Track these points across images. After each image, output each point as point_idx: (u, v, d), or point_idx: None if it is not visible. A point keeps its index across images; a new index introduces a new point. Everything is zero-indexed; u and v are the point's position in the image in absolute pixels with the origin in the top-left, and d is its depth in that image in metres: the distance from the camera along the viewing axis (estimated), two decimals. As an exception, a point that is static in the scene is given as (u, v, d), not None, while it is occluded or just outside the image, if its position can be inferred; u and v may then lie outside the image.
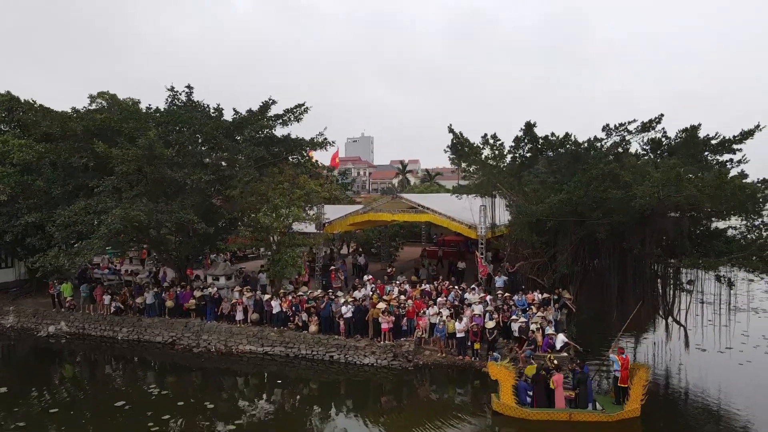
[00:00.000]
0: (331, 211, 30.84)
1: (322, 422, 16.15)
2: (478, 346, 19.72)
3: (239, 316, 22.67)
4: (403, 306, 21.43)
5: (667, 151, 22.50)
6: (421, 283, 26.12)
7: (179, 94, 25.84)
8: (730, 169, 20.25)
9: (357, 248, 39.40)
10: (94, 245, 20.67)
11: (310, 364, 20.67)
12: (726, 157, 21.92)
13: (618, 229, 20.71)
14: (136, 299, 24.66)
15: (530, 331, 19.06)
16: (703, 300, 22.90)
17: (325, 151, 28.90)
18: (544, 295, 21.71)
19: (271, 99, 25.17)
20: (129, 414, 16.04)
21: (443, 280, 25.64)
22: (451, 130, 25.49)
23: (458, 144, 24.95)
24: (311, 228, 28.44)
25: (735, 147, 21.63)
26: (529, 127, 23.59)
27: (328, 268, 28.73)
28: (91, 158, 23.12)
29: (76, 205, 21.76)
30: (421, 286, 24.70)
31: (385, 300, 21.99)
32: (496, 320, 20.19)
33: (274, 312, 22.34)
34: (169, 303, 23.94)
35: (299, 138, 25.64)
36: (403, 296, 22.66)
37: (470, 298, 22.12)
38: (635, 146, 23.83)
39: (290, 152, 25.93)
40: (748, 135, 21.17)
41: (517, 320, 19.81)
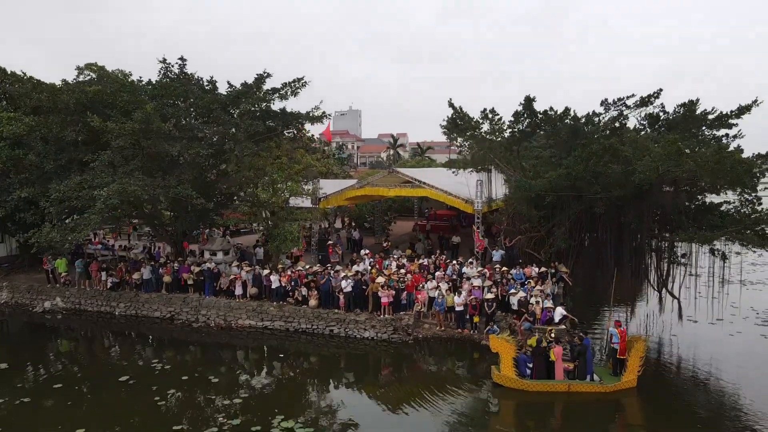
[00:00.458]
0: (326, 186, 30.69)
1: (323, 394, 16.37)
2: (477, 319, 19.98)
3: (238, 291, 22.70)
4: (402, 280, 21.59)
5: (664, 126, 22.62)
6: (418, 257, 26.27)
7: (172, 66, 25.28)
8: (728, 144, 20.46)
9: (350, 222, 39.41)
10: (91, 220, 20.42)
11: (310, 338, 20.86)
12: (722, 132, 22.13)
13: (615, 204, 20.93)
14: (133, 275, 24.56)
15: (529, 304, 19.34)
16: (692, 273, 23.31)
17: (321, 125, 28.40)
18: (542, 269, 21.97)
19: (266, 72, 24.73)
20: (134, 388, 16.11)
21: (440, 254, 25.81)
22: (451, 105, 25.39)
23: (458, 119, 24.84)
24: (307, 203, 28.35)
25: (731, 122, 21.82)
26: (528, 102, 23.52)
27: (323, 243, 28.76)
28: (84, 132, 22.67)
29: (71, 180, 21.40)
30: (419, 260, 24.85)
31: (384, 274, 22.13)
32: (495, 294, 20.44)
33: (273, 287, 22.39)
34: (166, 278, 23.86)
35: (296, 111, 25.30)
36: (402, 270, 22.80)
37: (468, 272, 22.33)
38: (633, 121, 23.97)
39: (286, 126, 25.61)
40: (746, 110, 21.33)
41: (516, 293, 20.07)
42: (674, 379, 17.66)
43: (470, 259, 24.21)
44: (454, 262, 23.84)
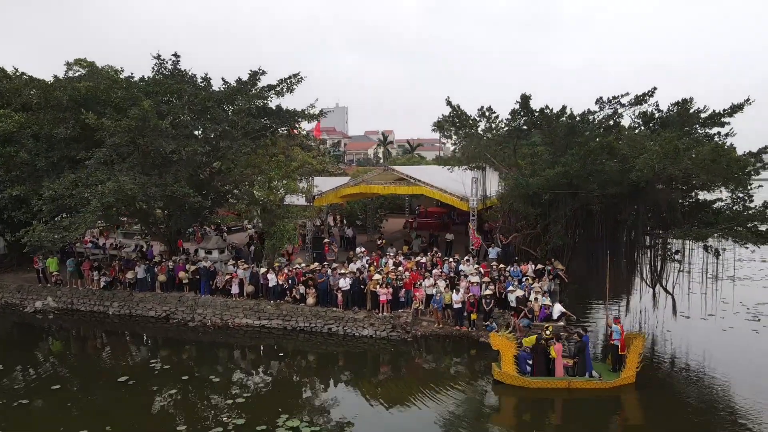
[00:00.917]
0: (319, 183, 30.61)
1: (324, 393, 16.33)
2: (474, 316, 20.07)
3: (234, 290, 22.54)
4: (400, 278, 21.60)
5: (658, 124, 22.88)
6: (415, 255, 26.30)
7: (165, 62, 24.96)
8: (723, 143, 20.76)
9: (342, 220, 39.34)
10: (86, 219, 20.11)
11: (308, 337, 20.78)
12: (715, 130, 22.44)
13: (611, 201, 21.14)
14: (126, 274, 24.25)
15: (528, 301, 19.47)
16: (683, 269, 23.64)
17: (313, 123, 28.25)
18: (538, 266, 22.13)
19: (260, 69, 24.54)
20: (134, 389, 15.94)
21: (437, 252, 25.87)
22: (449, 103, 25.44)
23: (455, 117, 24.88)
24: (302, 200, 28.23)
25: (724, 120, 22.14)
26: (525, 100, 23.63)
27: (318, 241, 28.66)
28: (76, 129, 22.29)
29: (65, 178, 21.03)
30: (416, 258, 24.89)
31: (382, 272, 22.12)
32: (493, 290, 20.53)
33: (270, 285, 22.27)
34: (161, 277, 23.61)
35: (291, 109, 25.13)
36: (401, 268, 22.83)
37: (465, 270, 22.40)
38: (627, 120, 24.20)
39: (283, 124, 25.43)
40: (738, 108, 21.65)
41: (514, 291, 20.19)
42: (670, 374, 17.85)
43: (466, 257, 24.31)
44: (450, 259, 23.92)
